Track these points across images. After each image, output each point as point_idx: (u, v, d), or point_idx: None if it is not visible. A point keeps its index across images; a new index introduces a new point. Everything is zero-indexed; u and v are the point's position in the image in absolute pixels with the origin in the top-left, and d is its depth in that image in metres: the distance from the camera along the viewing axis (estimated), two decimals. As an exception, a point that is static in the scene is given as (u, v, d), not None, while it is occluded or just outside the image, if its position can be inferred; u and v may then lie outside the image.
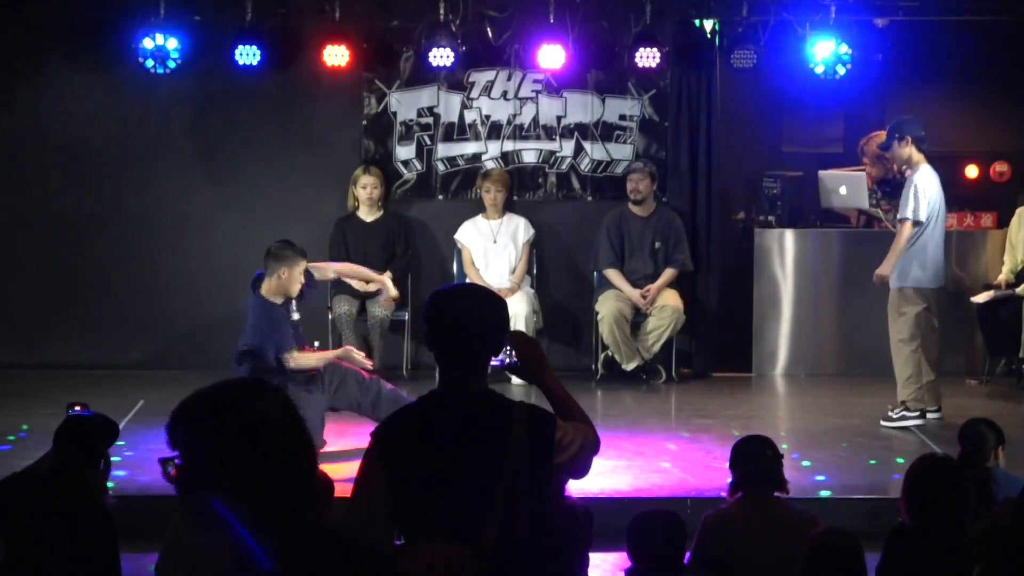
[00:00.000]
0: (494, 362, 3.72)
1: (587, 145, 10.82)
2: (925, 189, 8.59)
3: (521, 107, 10.80)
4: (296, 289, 7.83)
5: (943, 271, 8.87)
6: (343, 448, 7.78)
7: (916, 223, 8.58)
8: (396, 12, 10.36)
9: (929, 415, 8.73)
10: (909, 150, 8.64)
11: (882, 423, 8.73)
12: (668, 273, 10.29)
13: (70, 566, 4.47)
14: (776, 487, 5.03)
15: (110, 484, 5.43)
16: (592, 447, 3.73)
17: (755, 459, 5.04)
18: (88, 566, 4.63)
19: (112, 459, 5.34)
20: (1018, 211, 10.34)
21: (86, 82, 10.74)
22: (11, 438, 8.14)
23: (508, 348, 3.74)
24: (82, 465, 4.96)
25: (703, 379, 10.51)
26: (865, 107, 11.41)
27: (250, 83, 10.49)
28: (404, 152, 10.83)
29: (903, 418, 8.69)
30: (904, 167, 8.96)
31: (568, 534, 4.54)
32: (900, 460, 7.71)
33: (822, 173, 10.64)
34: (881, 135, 10.52)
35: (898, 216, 8.74)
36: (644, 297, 10.16)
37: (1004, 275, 10.28)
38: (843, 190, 10.49)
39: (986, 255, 10.63)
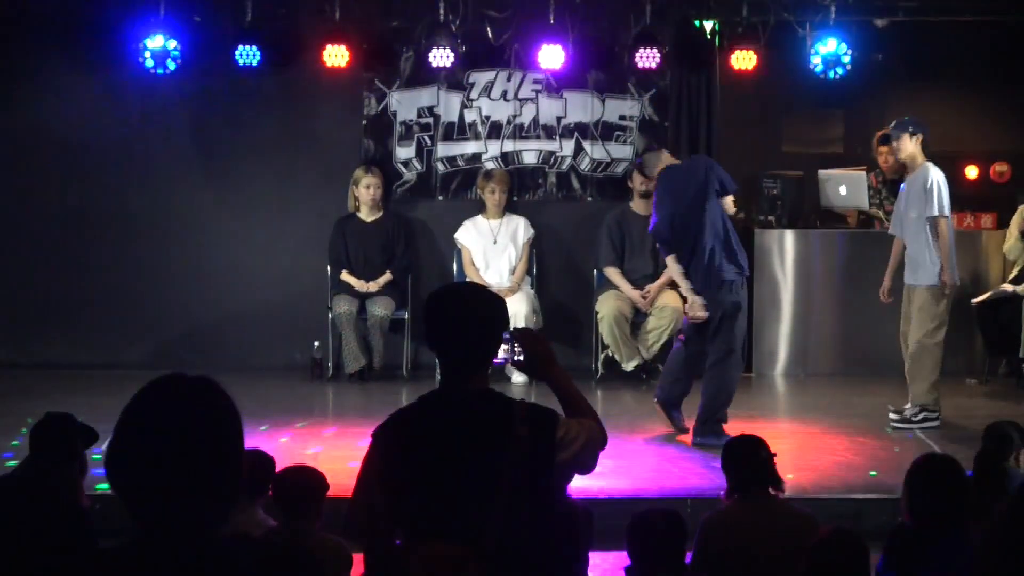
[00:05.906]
0: (501, 358, 3.71)
1: (587, 145, 10.81)
2: (942, 184, 8.60)
3: (521, 107, 10.80)
4: None
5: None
6: (343, 448, 7.77)
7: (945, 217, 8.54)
8: (396, 12, 10.37)
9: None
10: (917, 148, 8.66)
11: (896, 426, 8.63)
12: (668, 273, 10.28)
13: (46, 569, 4.42)
14: (771, 486, 5.00)
15: (104, 486, 5.37)
16: (598, 443, 3.70)
17: (747, 462, 4.99)
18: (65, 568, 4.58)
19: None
20: (1020, 210, 10.33)
21: (86, 82, 10.74)
22: (15, 443, 7.95)
23: (515, 344, 3.73)
24: (56, 462, 4.92)
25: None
26: (865, 107, 11.41)
27: (250, 83, 10.49)
28: (404, 152, 10.83)
29: (926, 419, 8.59)
30: (905, 162, 8.87)
31: (568, 534, 4.53)
32: (901, 460, 7.69)
33: (822, 173, 10.64)
34: None
35: (927, 215, 8.57)
36: (644, 297, 10.16)
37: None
38: (843, 190, 10.49)
39: (986, 255, 10.62)
